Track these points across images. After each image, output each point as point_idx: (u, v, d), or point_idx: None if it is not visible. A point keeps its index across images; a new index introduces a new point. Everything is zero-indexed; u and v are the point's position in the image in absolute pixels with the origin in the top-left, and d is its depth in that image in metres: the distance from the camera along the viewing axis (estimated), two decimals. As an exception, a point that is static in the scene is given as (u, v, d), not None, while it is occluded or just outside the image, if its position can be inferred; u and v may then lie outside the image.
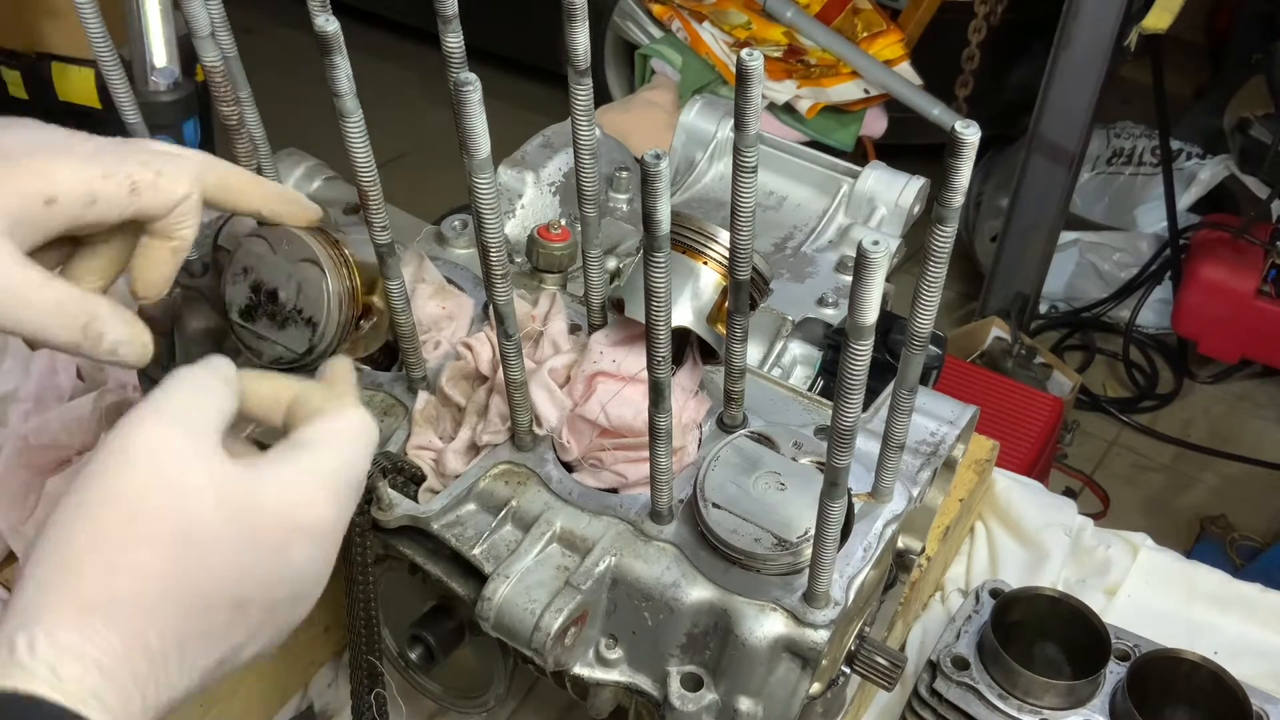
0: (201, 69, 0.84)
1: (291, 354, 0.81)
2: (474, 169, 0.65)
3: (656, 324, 0.65)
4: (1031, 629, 0.94)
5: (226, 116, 0.82)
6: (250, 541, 0.53)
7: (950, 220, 0.57)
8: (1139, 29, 2.38)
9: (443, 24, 0.74)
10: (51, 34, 2.11)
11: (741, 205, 0.66)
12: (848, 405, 0.58)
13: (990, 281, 3.02)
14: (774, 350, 0.96)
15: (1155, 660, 0.90)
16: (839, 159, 1.12)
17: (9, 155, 0.60)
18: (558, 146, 1.04)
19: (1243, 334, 2.95)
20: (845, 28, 2.95)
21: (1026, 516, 1.18)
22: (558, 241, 0.91)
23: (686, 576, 0.74)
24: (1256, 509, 2.67)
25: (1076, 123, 2.69)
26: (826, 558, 0.67)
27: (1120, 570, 1.15)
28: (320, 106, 0.81)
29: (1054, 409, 2.34)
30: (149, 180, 0.63)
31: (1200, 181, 3.10)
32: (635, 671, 0.77)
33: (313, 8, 0.74)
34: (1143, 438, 2.97)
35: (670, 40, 2.97)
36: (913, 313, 0.62)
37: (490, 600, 0.73)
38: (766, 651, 0.72)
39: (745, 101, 0.62)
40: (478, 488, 0.79)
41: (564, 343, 0.84)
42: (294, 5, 0.94)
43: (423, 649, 0.85)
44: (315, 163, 1.04)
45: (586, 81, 0.74)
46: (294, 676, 1.01)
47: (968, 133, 0.53)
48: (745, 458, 0.75)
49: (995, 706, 0.88)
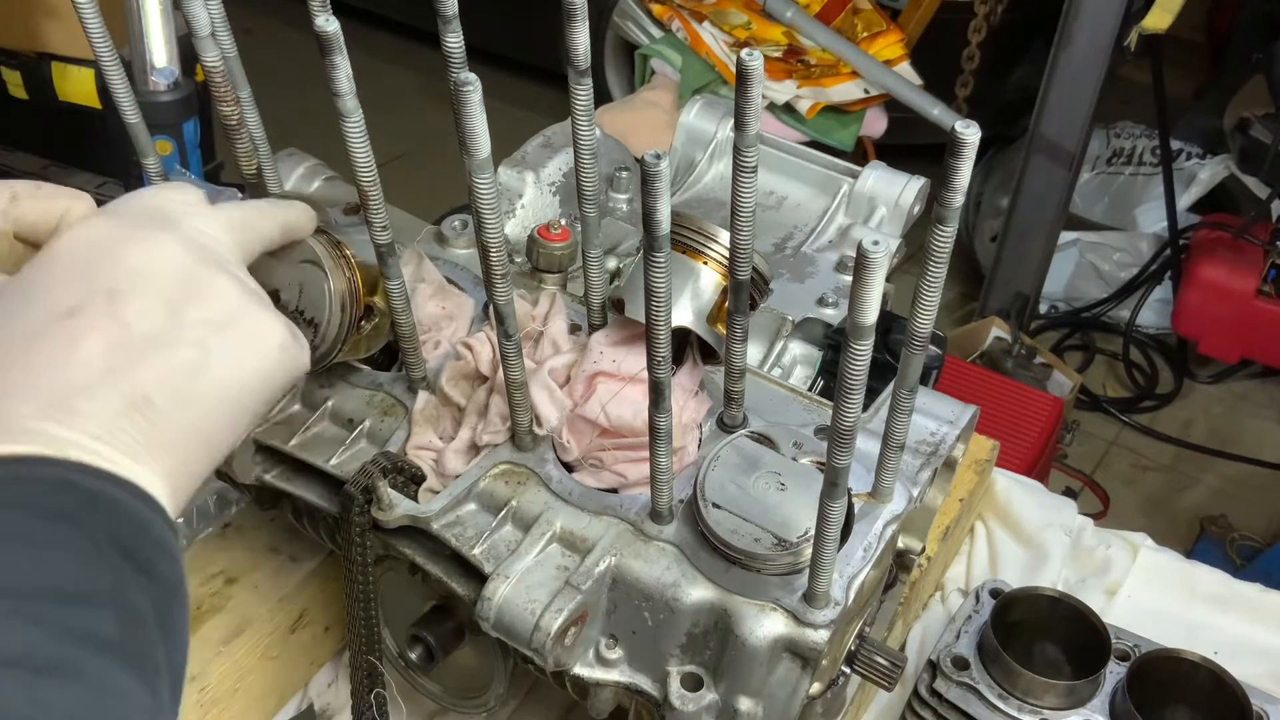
0: (201, 69, 0.84)
1: (292, 354, 0.81)
2: (474, 169, 0.65)
3: (656, 324, 0.65)
4: (1031, 629, 0.94)
5: (226, 116, 0.82)
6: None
7: (950, 220, 0.57)
8: (1139, 29, 2.38)
9: (443, 24, 0.74)
10: (51, 34, 2.11)
11: (741, 205, 0.66)
12: (848, 405, 0.58)
13: (990, 281, 3.03)
14: (774, 350, 0.96)
15: (1155, 660, 0.90)
16: (839, 159, 1.12)
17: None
18: (558, 146, 1.04)
19: (1243, 334, 2.95)
20: (845, 28, 2.95)
21: (1026, 516, 1.18)
22: (558, 241, 0.91)
23: (686, 576, 0.74)
24: (1256, 509, 2.67)
25: (1076, 123, 2.69)
26: (826, 558, 0.67)
27: (1120, 570, 1.14)
28: (320, 106, 0.80)
29: (1054, 409, 2.34)
30: (28, 190, 0.63)
31: (1200, 181, 3.10)
32: (635, 671, 0.77)
33: (313, 8, 0.74)
34: (1143, 438, 2.97)
35: (670, 40, 2.97)
36: (913, 313, 0.62)
37: (490, 600, 0.73)
38: (766, 651, 0.72)
39: (745, 101, 0.63)
40: (478, 488, 0.79)
41: (564, 343, 0.84)
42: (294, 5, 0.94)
43: (423, 649, 0.85)
44: (315, 163, 1.04)
45: (586, 81, 0.74)
46: (294, 676, 1.01)
47: (968, 133, 0.53)
48: (745, 458, 0.75)
49: (995, 706, 0.88)
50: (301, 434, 0.84)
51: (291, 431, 0.84)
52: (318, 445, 0.84)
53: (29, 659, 0.42)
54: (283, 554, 1.00)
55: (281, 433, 0.85)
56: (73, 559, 0.46)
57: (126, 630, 0.46)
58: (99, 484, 0.49)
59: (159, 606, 0.49)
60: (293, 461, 0.83)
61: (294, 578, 0.98)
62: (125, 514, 0.49)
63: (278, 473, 0.84)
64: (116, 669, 0.45)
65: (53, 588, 0.45)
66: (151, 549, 0.49)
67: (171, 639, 0.49)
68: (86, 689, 0.43)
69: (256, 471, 0.84)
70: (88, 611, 0.45)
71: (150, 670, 0.47)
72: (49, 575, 0.45)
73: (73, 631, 0.44)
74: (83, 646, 0.44)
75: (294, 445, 0.83)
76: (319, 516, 0.85)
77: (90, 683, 0.44)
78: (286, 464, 0.84)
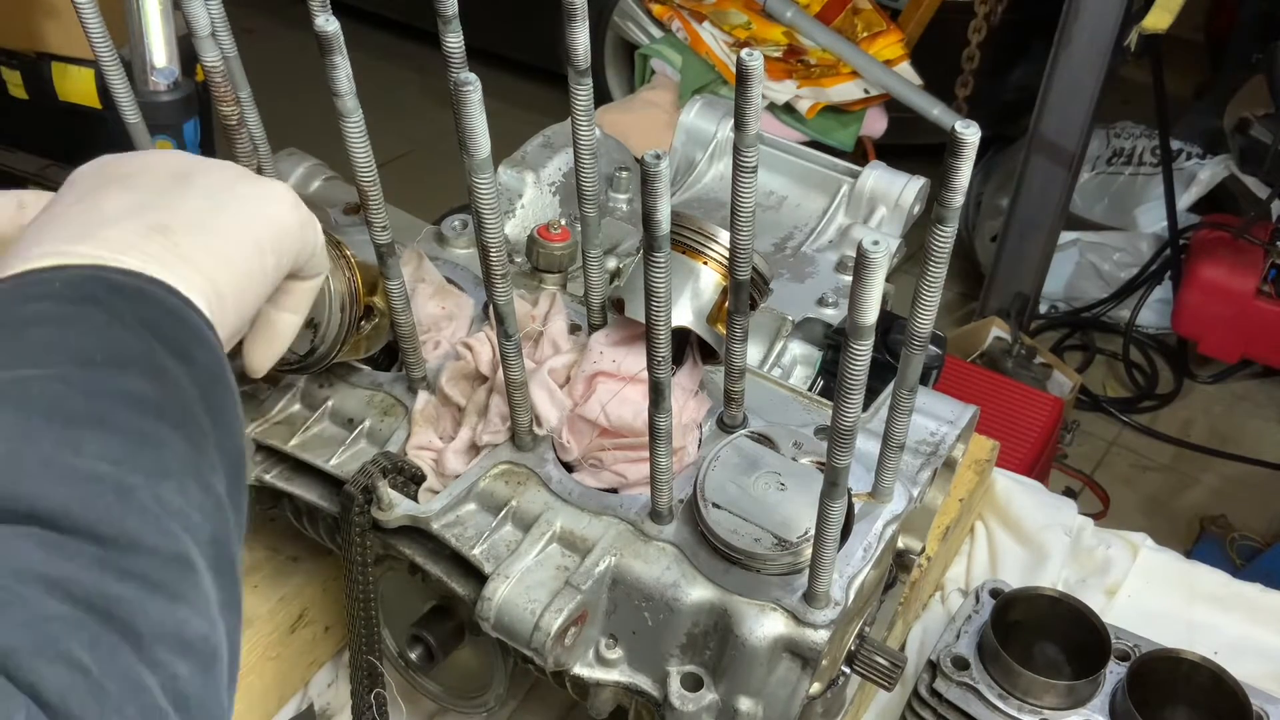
0: (201, 69, 0.84)
1: (294, 355, 0.81)
2: (474, 169, 0.65)
3: (656, 324, 0.65)
4: (1031, 629, 0.94)
5: (226, 116, 0.82)
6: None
7: (950, 220, 0.57)
8: (1139, 29, 2.37)
9: (443, 24, 0.74)
10: (51, 34, 2.11)
11: (741, 205, 0.66)
12: (848, 405, 0.58)
13: (990, 281, 3.02)
14: (774, 350, 0.96)
15: (1155, 660, 0.90)
16: (839, 159, 1.12)
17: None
18: (558, 146, 1.04)
19: (1243, 334, 2.95)
20: (845, 28, 2.95)
21: (1026, 516, 1.18)
22: (558, 241, 0.91)
23: (686, 576, 0.74)
24: (1256, 509, 2.67)
25: (1076, 123, 2.69)
26: (826, 558, 0.67)
27: (1120, 570, 1.14)
28: (320, 106, 0.80)
29: (1054, 409, 2.34)
30: (34, 199, 0.64)
31: (1200, 181, 3.10)
32: (635, 671, 0.77)
33: (313, 8, 0.74)
34: (1143, 438, 2.97)
35: (670, 40, 2.97)
36: (913, 313, 0.62)
37: (490, 600, 0.73)
38: (766, 651, 0.72)
39: (745, 101, 0.63)
40: (478, 488, 0.79)
41: (564, 343, 0.84)
42: (294, 5, 0.94)
43: (423, 649, 0.85)
44: (315, 163, 1.04)
45: (586, 81, 0.74)
46: (294, 676, 1.01)
47: (968, 133, 0.53)
48: (745, 458, 0.75)
49: (995, 706, 0.88)
50: (301, 434, 0.84)
51: (291, 431, 0.84)
52: (318, 445, 0.84)
53: (57, 412, 0.41)
54: (283, 554, 1.00)
55: (281, 433, 0.85)
56: (101, 334, 0.45)
57: (163, 391, 0.45)
58: (129, 280, 0.49)
59: (203, 388, 0.48)
60: (293, 461, 0.83)
61: (294, 578, 0.98)
62: (159, 304, 0.49)
63: (278, 473, 0.84)
64: (151, 420, 0.44)
65: (80, 357, 0.44)
66: (188, 337, 0.49)
67: (220, 423, 0.48)
68: (118, 438, 0.42)
69: (256, 471, 0.84)
70: (117, 373, 0.45)
71: (195, 432, 0.46)
72: (75, 347, 0.44)
73: (102, 389, 0.43)
74: (114, 401, 0.43)
75: (294, 445, 0.83)
76: (319, 516, 0.85)
77: (122, 433, 0.43)
78: (286, 464, 0.84)
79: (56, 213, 0.54)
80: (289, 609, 0.97)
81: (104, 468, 0.41)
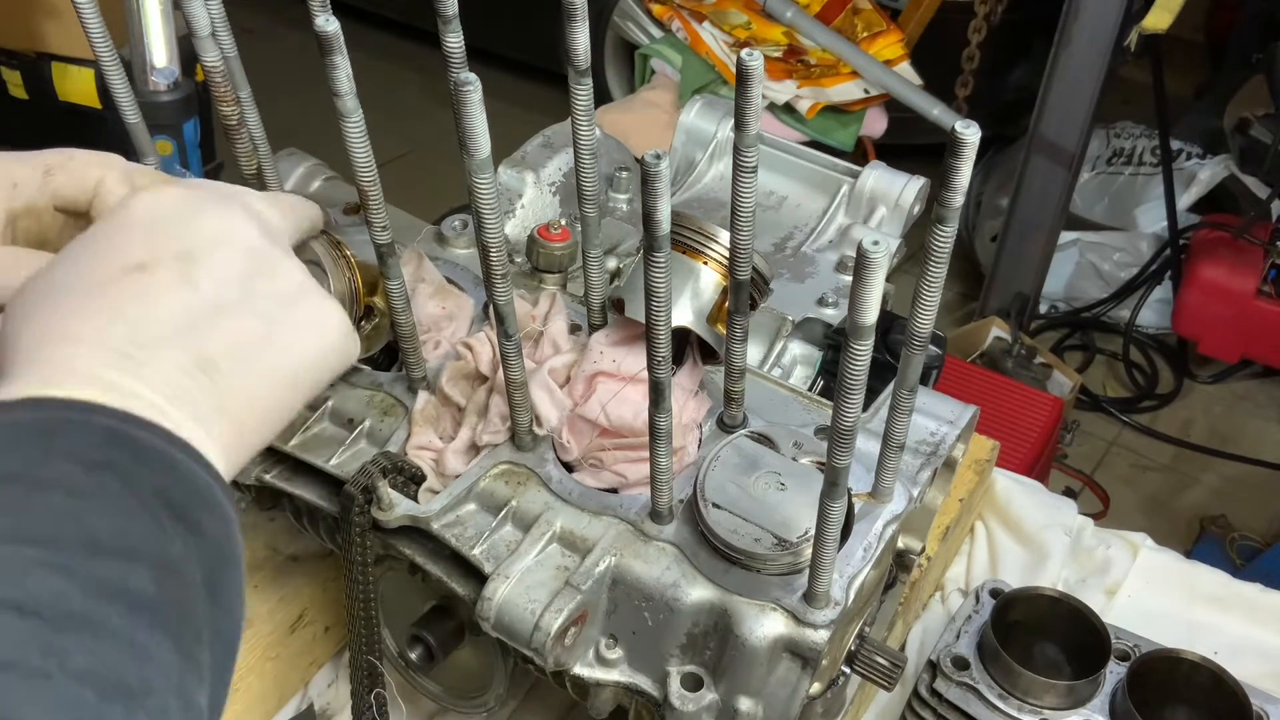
0: (201, 69, 0.84)
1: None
2: (474, 169, 0.65)
3: (656, 324, 0.65)
4: (1031, 629, 0.94)
5: (226, 116, 0.82)
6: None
7: (950, 220, 0.57)
8: (1139, 29, 2.38)
9: (443, 24, 0.74)
10: (51, 34, 2.11)
11: (741, 205, 0.66)
12: (848, 405, 0.58)
13: (990, 281, 3.03)
14: (774, 350, 0.96)
15: (1155, 660, 0.90)
16: (839, 159, 1.12)
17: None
18: (558, 146, 1.04)
19: (1243, 334, 2.95)
20: (845, 28, 2.95)
21: (1026, 516, 1.18)
22: (558, 241, 0.91)
23: (686, 576, 0.74)
24: (1256, 509, 2.67)
25: (1076, 123, 2.69)
26: (826, 558, 0.67)
27: (1120, 570, 1.14)
28: (320, 106, 0.80)
29: (1054, 409, 2.34)
30: (60, 162, 0.64)
31: (1200, 181, 3.10)
32: (635, 671, 0.77)
33: (313, 8, 0.74)
34: (1143, 438, 2.97)
35: (670, 40, 2.97)
36: (913, 313, 0.62)
37: (490, 600, 0.73)
38: (766, 651, 0.72)
39: (745, 101, 0.63)
40: (478, 488, 0.79)
41: (564, 343, 0.84)
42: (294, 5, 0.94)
43: (423, 649, 0.85)
44: (315, 163, 1.04)
45: (586, 81, 0.74)
46: (294, 676, 1.01)
47: (968, 133, 0.53)
48: (745, 458, 0.75)
49: (995, 706, 0.88)
50: (301, 434, 0.84)
51: (291, 431, 0.84)
52: (318, 445, 0.84)
53: (50, 610, 0.41)
54: (283, 554, 1.00)
55: (282, 433, 0.84)
56: (114, 511, 0.45)
57: (164, 589, 0.45)
58: (153, 439, 0.48)
59: (208, 568, 0.47)
60: (293, 461, 0.83)
61: (294, 578, 0.98)
62: (178, 472, 0.48)
63: (278, 473, 0.84)
64: (145, 627, 0.43)
65: (88, 539, 0.43)
66: (203, 510, 0.48)
67: (220, 605, 0.48)
68: (109, 646, 0.42)
69: (256, 471, 0.84)
70: (123, 566, 0.44)
71: (188, 634, 0.45)
72: (86, 526, 0.44)
73: (103, 585, 0.43)
74: (113, 602, 0.43)
75: (294, 445, 0.83)
76: (319, 516, 0.85)
77: (114, 640, 0.42)
78: (286, 464, 0.84)
79: (102, 290, 0.52)
80: (289, 609, 0.97)
81: (87, 695, 0.40)
